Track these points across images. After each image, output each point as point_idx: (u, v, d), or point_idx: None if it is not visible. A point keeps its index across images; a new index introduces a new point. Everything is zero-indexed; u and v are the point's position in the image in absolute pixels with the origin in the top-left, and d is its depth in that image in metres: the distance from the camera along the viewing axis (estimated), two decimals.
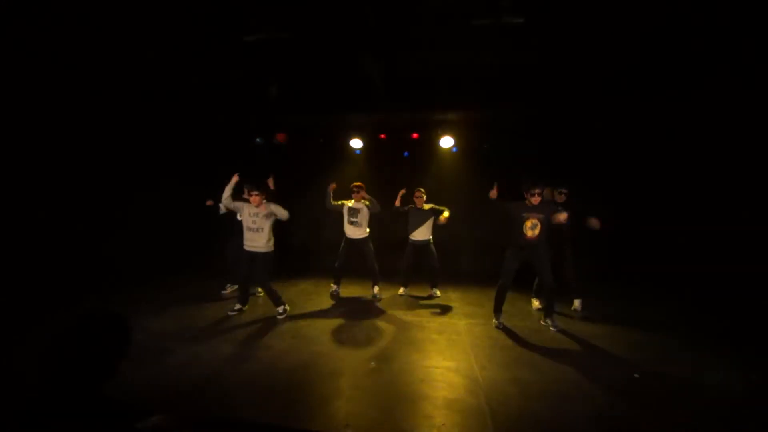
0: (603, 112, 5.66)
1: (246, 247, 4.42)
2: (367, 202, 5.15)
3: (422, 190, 5.31)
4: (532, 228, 4.04)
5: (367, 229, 5.24)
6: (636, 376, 3.09)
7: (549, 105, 5.58)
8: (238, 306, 4.59)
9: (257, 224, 4.35)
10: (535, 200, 4.01)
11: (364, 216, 5.18)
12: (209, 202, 5.23)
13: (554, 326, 4.17)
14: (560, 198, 4.60)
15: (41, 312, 4.11)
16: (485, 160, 6.63)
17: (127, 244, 5.74)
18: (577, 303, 4.80)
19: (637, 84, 5.02)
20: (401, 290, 5.56)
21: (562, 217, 3.99)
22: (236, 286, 5.29)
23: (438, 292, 5.48)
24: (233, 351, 3.49)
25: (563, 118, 5.93)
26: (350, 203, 5.22)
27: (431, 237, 5.33)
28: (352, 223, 5.20)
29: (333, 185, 5.12)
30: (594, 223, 4.25)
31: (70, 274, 4.90)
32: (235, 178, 4.40)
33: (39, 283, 4.57)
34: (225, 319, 4.37)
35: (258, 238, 4.36)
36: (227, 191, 4.36)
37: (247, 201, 4.38)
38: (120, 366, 1.15)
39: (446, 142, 6.60)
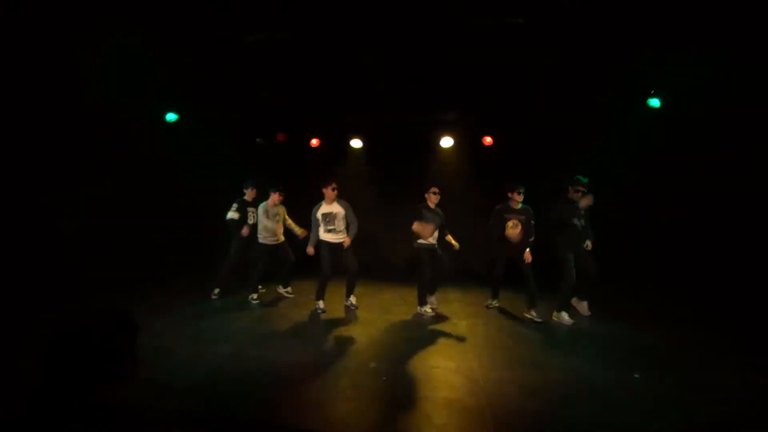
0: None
1: (271, 242, 5.08)
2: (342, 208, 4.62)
3: (437, 189, 4.70)
4: (513, 227, 4.46)
5: (345, 234, 4.67)
6: (636, 376, 3.10)
7: (548, 103, 5.56)
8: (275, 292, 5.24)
9: (278, 219, 5.11)
10: (514, 203, 4.51)
11: (340, 220, 4.64)
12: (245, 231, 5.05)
13: (539, 318, 4.43)
14: (576, 196, 4.34)
15: (39, 312, 4.09)
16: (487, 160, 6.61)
17: (127, 243, 5.72)
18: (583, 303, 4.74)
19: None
20: (428, 309, 4.73)
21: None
22: (219, 290, 5.22)
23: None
24: (233, 351, 3.49)
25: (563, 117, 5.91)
26: (324, 209, 4.63)
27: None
28: (329, 231, 4.62)
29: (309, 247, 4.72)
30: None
31: (70, 274, 4.89)
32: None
33: (38, 283, 4.56)
34: (225, 319, 4.37)
35: (278, 231, 5.11)
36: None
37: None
38: (128, 369, 1.08)
39: (446, 141, 6.62)
